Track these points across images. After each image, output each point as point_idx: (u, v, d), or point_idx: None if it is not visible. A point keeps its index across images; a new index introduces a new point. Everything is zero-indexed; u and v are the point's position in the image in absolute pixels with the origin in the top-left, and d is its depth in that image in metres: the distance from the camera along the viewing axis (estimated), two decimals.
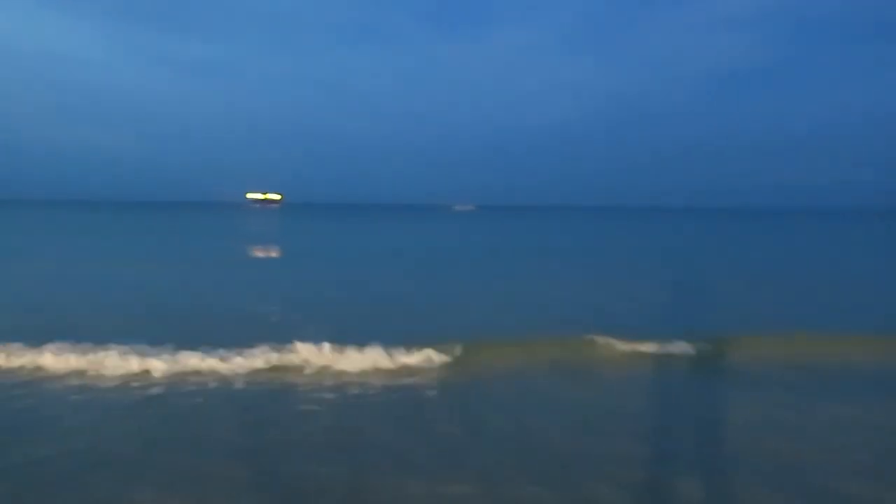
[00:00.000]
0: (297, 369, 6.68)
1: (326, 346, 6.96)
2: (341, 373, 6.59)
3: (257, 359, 6.74)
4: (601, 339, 7.61)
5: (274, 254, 22.88)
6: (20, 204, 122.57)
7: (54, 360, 6.69)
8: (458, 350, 7.12)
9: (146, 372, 6.51)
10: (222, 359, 6.74)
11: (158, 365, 6.58)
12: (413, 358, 6.93)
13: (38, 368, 6.58)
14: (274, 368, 6.70)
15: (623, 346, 7.58)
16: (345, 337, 7.24)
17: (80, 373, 6.48)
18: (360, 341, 7.07)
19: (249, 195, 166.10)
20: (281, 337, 7.16)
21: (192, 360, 6.69)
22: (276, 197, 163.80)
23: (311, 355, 6.88)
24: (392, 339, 7.24)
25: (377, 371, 6.73)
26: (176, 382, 6.26)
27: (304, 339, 7.06)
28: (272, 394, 6.00)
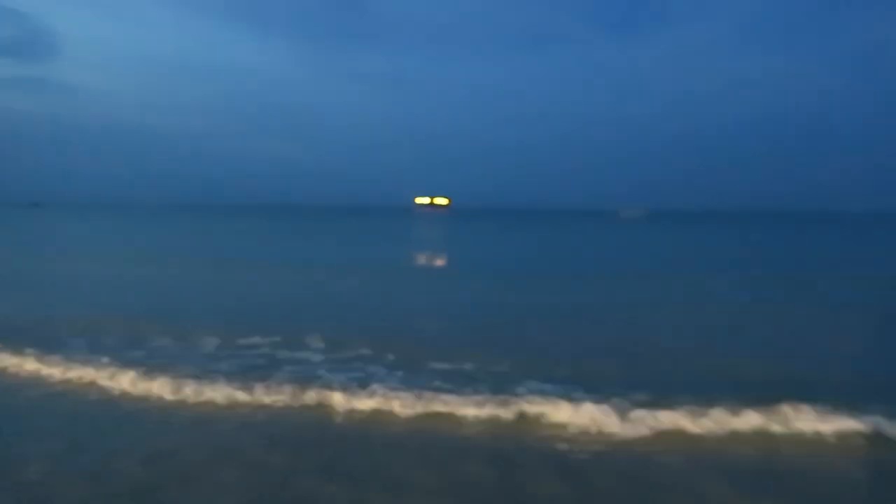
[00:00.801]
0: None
1: None
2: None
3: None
4: None
5: (447, 263, 21.45)
6: (219, 208, 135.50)
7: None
8: None
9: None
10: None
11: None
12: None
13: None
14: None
15: None
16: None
17: None
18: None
19: (418, 200, 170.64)
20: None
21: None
22: (444, 201, 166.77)
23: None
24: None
25: None
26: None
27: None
28: None
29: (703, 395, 5.38)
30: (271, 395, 5.68)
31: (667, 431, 4.92)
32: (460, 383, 5.96)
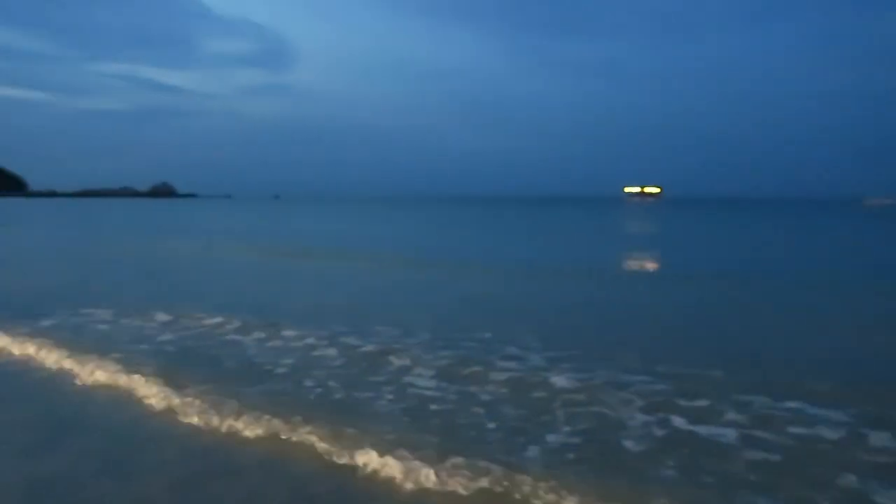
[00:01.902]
0: None
1: None
2: None
3: None
4: None
5: (675, 262, 19.18)
6: (441, 200, 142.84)
7: None
8: None
9: None
10: None
11: None
12: None
13: None
14: None
15: None
16: None
17: None
18: None
19: (627, 189, 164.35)
20: None
21: None
22: (655, 190, 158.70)
23: None
24: None
25: None
26: None
27: None
28: None
29: None
30: None
31: None
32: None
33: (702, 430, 4.55)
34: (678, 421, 4.69)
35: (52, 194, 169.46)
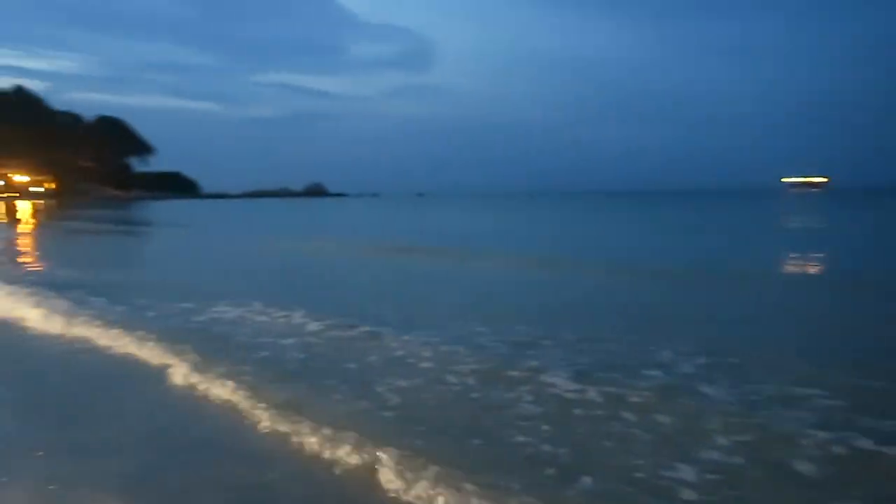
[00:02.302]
0: None
1: None
2: None
3: None
4: None
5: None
6: (587, 196, 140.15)
7: None
8: None
9: None
10: None
11: None
12: None
13: None
14: None
15: None
16: None
17: None
18: None
19: (786, 179, 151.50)
20: None
21: None
22: (820, 180, 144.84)
23: None
24: None
25: None
26: None
27: None
28: None
29: None
30: None
31: None
32: None
33: (893, 451, 3.92)
34: (862, 441, 4.07)
35: (220, 196, 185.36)
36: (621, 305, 9.90)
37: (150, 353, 6.46)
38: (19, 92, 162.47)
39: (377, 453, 3.96)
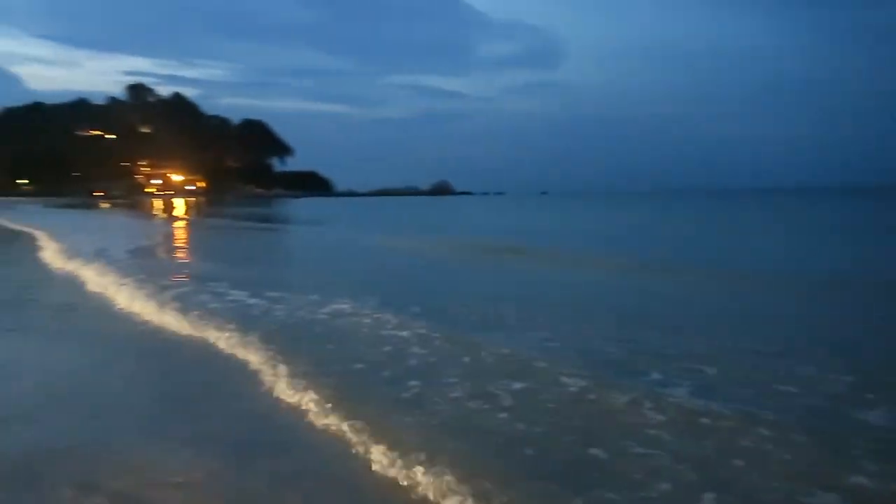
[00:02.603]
0: None
1: None
2: None
3: None
4: None
5: None
6: (722, 193, 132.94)
7: None
8: None
9: None
10: None
11: None
12: None
13: None
14: None
15: None
16: None
17: None
18: None
19: None
20: None
21: None
22: None
23: None
24: None
25: None
26: None
27: None
28: None
29: None
30: None
31: None
32: None
33: None
34: None
35: (351, 194, 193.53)
36: (754, 316, 9.20)
37: (254, 353, 6.44)
38: (177, 99, 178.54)
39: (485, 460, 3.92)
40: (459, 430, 4.34)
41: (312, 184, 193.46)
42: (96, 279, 11.24)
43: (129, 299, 9.33)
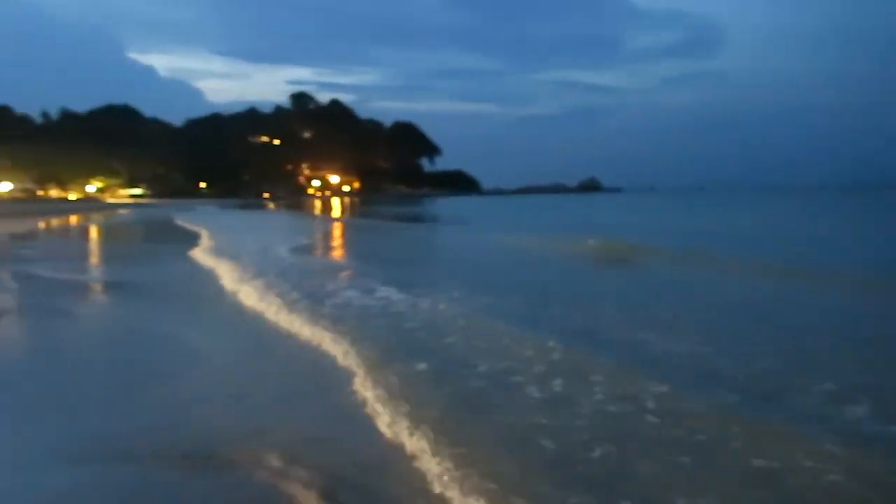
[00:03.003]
0: None
1: None
2: None
3: None
4: None
5: None
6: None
7: None
8: None
9: None
10: None
11: None
12: None
13: None
14: None
15: None
16: None
17: None
18: None
19: None
20: None
21: None
22: None
23: None
24: None
25: None
26: None
27: None
28: None
29: None
30: None
31: None
32: None
33: None
34: None
35: (498, 192, 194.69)
36: None
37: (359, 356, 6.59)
38: (335, 105, 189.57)
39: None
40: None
41: (459, 182, 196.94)
42: (254, 287, 12.39)
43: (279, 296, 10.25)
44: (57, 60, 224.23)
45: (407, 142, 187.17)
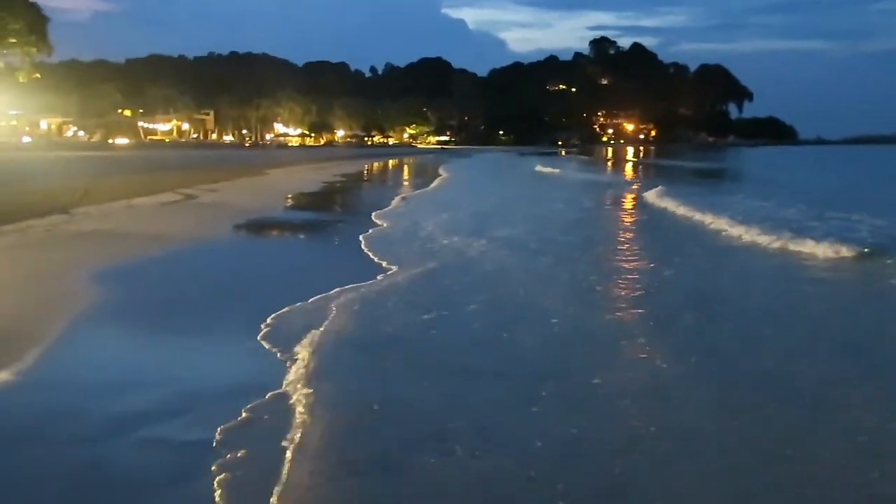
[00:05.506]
0: None
1: None
2: None
3: None
4: None
5: None
6: None
7: None
8: None
9: None
10: None
11: None
12: None
13: None
14: None
15: None
16: None
17: None
18: None
19: None
20: None
21: None
22: None
23: None
24: None
25: None
26: None
27: None
28: None
29: None
30: None
31: None
32: None
33: None
34: None
35: (819, 142, 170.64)
36: None
37: None
38: (636, 49, 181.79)
39: None
40: None
41: (772, 131, 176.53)
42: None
43: None
44: (385, 17, 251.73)
45: (713, 86, 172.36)
